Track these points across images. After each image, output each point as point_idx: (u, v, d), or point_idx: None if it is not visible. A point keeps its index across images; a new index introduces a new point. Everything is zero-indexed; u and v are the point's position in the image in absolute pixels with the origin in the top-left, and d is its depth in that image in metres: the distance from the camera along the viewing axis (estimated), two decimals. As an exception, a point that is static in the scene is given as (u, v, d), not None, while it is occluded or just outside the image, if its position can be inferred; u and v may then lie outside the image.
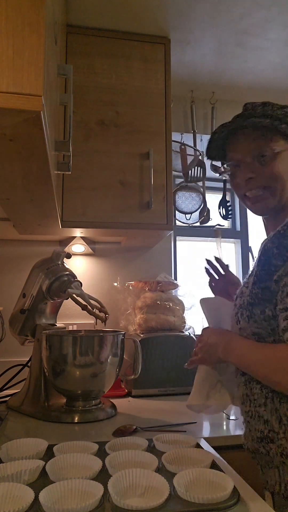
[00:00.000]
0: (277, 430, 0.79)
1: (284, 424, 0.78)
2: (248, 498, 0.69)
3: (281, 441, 0.78)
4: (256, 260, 0.84)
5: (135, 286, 1.73)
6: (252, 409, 0.85)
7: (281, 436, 0.78)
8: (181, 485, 0.67)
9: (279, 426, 0.79)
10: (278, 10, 1.52)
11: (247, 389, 0.87)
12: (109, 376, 1.21)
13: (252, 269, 0.87)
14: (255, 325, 0.82)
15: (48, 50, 0.71)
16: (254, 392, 0.84)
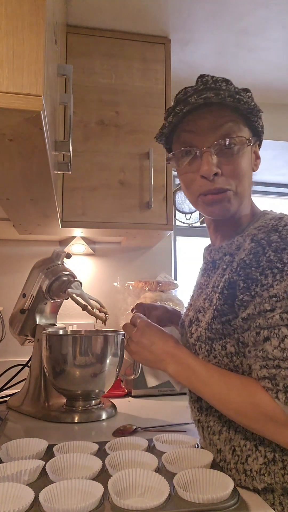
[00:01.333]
0: (228, 460, 0.76)
1: (237, 455, 0.74)
2: (248, 498, 0.69)
3: (230, 472, 0.75)
4: (218, 293, 0.75)
5: (135, 286, 1.73)
6: (206, 436, 0.82)
7: (232, 467, 0.75)
8: (181, 485, 0.67)
9: (232, 457, 0.75)
10: (278, 9, 1.52)
11: (202, 416, 0.83)
12: (109, 376, 1.21)
13: (207, 295, 0.80)
14: (215, 360, 0.76)
15: (48, 50, 0.71)
16: (210, 420, 0.81)
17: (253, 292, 0.68)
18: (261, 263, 0.68)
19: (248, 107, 0.77)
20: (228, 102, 0.74)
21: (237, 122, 0.78)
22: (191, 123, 0.79)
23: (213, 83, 0.76)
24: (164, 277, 1.83)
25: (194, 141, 0.78)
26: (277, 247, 0.68)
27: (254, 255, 0.69)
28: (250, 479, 0.72)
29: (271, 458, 0.70)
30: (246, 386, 0.70)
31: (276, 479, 0.69)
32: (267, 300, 0.67)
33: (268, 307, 0.67)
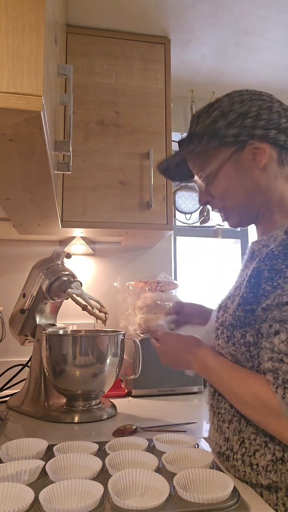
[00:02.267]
0: (235, 450, 0.76)
1: (245, 447, 0.75)
2: (248, 498, 0.69)
3: (235, 462, 0.75)
4: (246, 280, 0.76)
5: (135, 286, 1.73)
6: (215, 422, 0.83)
7: (238, 457, 0.75)
8: (181, 485, 0.67)
9: (239, 448, 0.76)
10: (278, 9, 1.51)
11: (214, 400, 0.84)
12: (109, 376, 1.21)
13: (239, 283, 0.81)
14: (233, 348, 0.77)
15: (48, 50, 0.71)
16: (221, 407, 0.81)
17: (276, 283, 0.69)
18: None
19: (206, 138, 0.81)
20: (188, 155, 0.88)
21: (204, 155, 0.85)
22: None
23: (180, 143, 0.87)
24: (164, 277, 1.82)
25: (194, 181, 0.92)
26: None
27: (284, 247, 0.71)
28: (255, 473, 0.72)
29: (280, 457, 0.70)
30: (250, 378, 0.73)
31: (282, 477, 0.69)
32: (286, 293, 0.67)
33: (285, 300, 0.67)
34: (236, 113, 0.80)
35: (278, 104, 0.82)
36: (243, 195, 0.83)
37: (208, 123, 0.82)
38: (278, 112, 0.80)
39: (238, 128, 0.79)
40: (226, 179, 0.84)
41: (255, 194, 0.83)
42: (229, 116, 0.80)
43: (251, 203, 0.84)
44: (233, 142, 0.80)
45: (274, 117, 0.79)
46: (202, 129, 0.82)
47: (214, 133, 0.80)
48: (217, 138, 0.80)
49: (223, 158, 0.82)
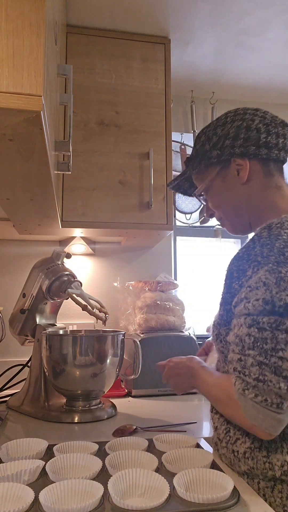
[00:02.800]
0: (221, 438, 0.82)
1: (229, 436, 0.80)
2: (248, 498, 0.69)
3: (223, 450, 0.81)
4: (223, 283, 0.84)
5: (135, 286, 1.73)
6: (211, 414, 0.90)
7: (223, 445, 0.81)
8: (181, 485, 0.67)
9: (224, 436, 0.82)
10: (278, 10, 1.52)
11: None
12: (109, 376, 1.21)
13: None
14: (221, 344, 0.84)
15: (48, 50, 0.71)
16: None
17: (240, 282, 0.77)
18: (250, 256, 0.77)
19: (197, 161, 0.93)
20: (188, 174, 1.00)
21: (199, 176, 0.97)
22: None
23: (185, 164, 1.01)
24: (164, 277, 1.83)
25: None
26: (263, 242, 0.77)
27: (246, 248, 0.80)
28: (236, 460, 0.78)
29: (257, 446, 0.75)
30: (220, 379, 0.83)
31: (257, 464, 0.74)
32: (245, 290, 0.75)
33: (243, 296, 0.75)
34: (217, 136, 0.90)
35: (259, 120, 0.88)
36: (233, 207, 0.93)
37: (198, 148, 0.94)
38: (257, 129, 0.87)
39: (219, 150, 0.89)
40: (216, 194, 0.94)
41: (244, 205, 0.91)
42: (213, 139, 0.91)
43: (241, 213, 0.92)
44: (218, 161, 0.91)
45: (252, 134, 0.87)
46: (195, 153, 0.95)
47: (203, 156, 0.92)
48: (205, 160, 0.92)
49: (212, 176, 0.93)
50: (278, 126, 0.88)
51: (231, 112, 0.92)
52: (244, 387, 0.71)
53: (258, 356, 0.69)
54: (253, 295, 0.72)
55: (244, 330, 0.72)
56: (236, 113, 0.91)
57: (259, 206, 0.89)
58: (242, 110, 0.91)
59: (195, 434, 1.01)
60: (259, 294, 0.71)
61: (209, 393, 0.84)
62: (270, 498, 0.73)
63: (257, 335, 0.70)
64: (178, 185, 1.04)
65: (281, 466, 0.72)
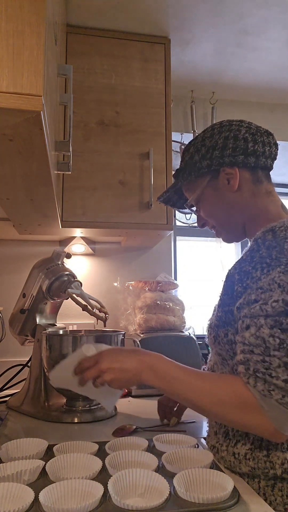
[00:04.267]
0: (221, 442, 0.82)
1: (229, 439, 0.81)
2: (248, 498, 0.69)
3: (223, 453, 0.81)
4: (222, 284, 0.84)
5: (135, 286, 1.73)
6: (209, 420, 0.90)
7: (224, 449, 0.81)
8: (181, 485, 0.67)
9: (224, 440, 0.82)
10: (278, 10, 1.52)
11: None
12: (109, 376, 1.21)
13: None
14: (219, 347, 0.84)
15: (48, 50, 0.71)
16: None
17: (245, 284, 0.77)
18: (254, 258, 0.77)
19: (187, 172, 0.95)
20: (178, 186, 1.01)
21: (189, 187, 0.98)
22: None
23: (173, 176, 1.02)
24: (164, 277, 1.83)
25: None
26: (269, 245, 0.77)
27: (250, 251, 0.80)
28: (237, 462, 0.78)
29: (258, 445, 0.76)
30: (221, 377, 0.80)
31: (258, 464, 0.75)
32: (254, 291, 0.74)
33: (253, 297, 0.74)
34: (206, 147, 0.92)
35: (245, 130, 0.90)
36: (225, 215, 0.94)
37: (187, 159, 0.96)
38: (244, 139, 0.89)
39: (208, 160, 0.91)
40: (208, 203, 0.96)
41: (235, 212, 0.93)
42: (201, 150, 0.93)
43: (233, 221, 0.94)
44: (207, 171, 0.92)
45: (240, 144, 0.89)
46: (184, 165, 0.97)
47: (192, 167, 0.94)
48: (195, 171, 0.93)
49: (202, 186, 0.94)
50: (263, 135, 0.91)
51: (217, 124, 0.95)
52: (269, 387, 0.69)
53: (285, 357, 0.69)
54: (268, 297, 0.72)
55: (266, 331, 0.70)
56: (221, 125, 0.94)
57: (252, 212, 0.91)
58: (227, 122, 0.94)
59: (195, 434, 1.01)
60: (275, 295, 0.71)
61: (199, 395, 0.77)
62: (271, 497, 0.74)
63: (282, 336, 0.69)
64: (168, 198, 1.05)
65: (281, 464, 0.73)
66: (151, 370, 0.81)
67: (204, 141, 0.93)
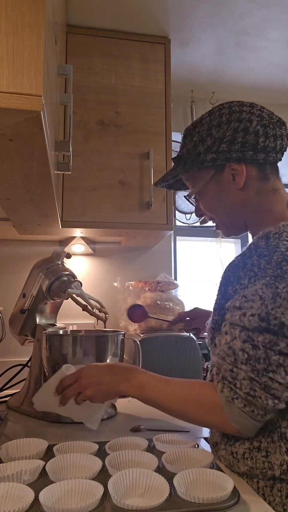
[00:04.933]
0: (220, 441, 0.83)
1: (228, 437, 0.81)
2: (248, 498, 0.69)
3: (222, 452, 0.81)
4: (218, 288, 0.83)
5: (135, 286, 1.73)
6: None
7: (223, 447, 0.81)
8: (181, 485, 0.67)
9: (223, 438, 0.82)
10: (278, 10, 1.52)
11: None
12: (109, 376, 1.21)
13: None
14: (215, 348, 0.83)
15: (48, 50, 0.71)
16: None
17: (234, 288, 0.77)
18: (246, 264, 0.76)
19: (189, 163, 0.89)
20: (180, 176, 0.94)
21: (190, 178, 0.94)
22: None
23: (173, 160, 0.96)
24: (164, 277, 1.82)
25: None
26: (260, 252, 0.76)
27: (242, 256, 0.79)
28: (236, 461, 0.78)
29: (257, 446, 0.76)
30: (190, 382, 0.83)
31: (256, 464, 0.74)
32: (240, 298, 0.75)
33: (238, 304, 0.75)
34: (213, 138, 0.86)
35: (257, 121, 0.84)
36: (226, 212, 0.92)
37: (190, 147, 0.90)
38: (255, 132, 0.83)
39: (214, 154, 0.85)
40: (209, 198, 0.92)
41: (238, 210, 0.90)
42: (207, 141, 0.86)
43: (235, 218, 0.92)
44: (212, 166, 0.87)
45: (250, 138, 0.84)
46: (186, 153, 0.91)
47: (195, 158, 0.88)
48: (197, 163, 0.87)
49: (205, 180, 0.90)
50: (276, 127, 0.85)
51: (226, 109, 0.87)
52: (233, 395, 0.72)
53: (250, 372, 0.71)
54: (249, 307, 0.72)
55: (238, 344, 0.72)
56: (231, 110, 0.86)
57: (255, 210, 0.88)
58: (238, 107, 0.86)
59: (195, 434, 1.01)
60: (254, 308, 0.71)
61: (168, 398, 0.82)
62: (270, 497, 0.73)
63: (251, 353, 0.71)
64: (165, 181, 0.99)
65: (280, 465, 0.73)
66: (126, 380, 0.86)
67: (210, 130, 0.86)
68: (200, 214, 0.99)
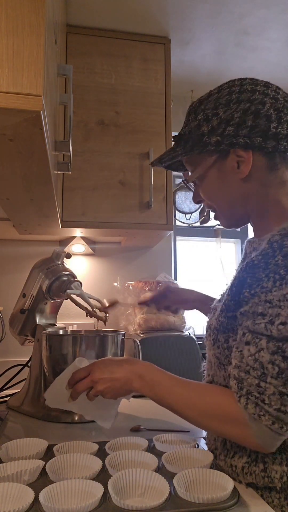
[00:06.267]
0: (220, 450, 0.80)
1: (227, 449, 0.78)
2: (248, 498, 0.69)
3: (220, 461, 0.79)
4: (228, 288, 0.76)
5: (135, 286, 1.73)
6: None
7: (222, 458, 0.79)
8: (181, 485, 0.67)
9: (222, 449, 0.79)
10: (278, 9, 1.52)
11: None
12: (109, 376, 1.21)
13: (225, 291, 0.80)
14: (218, 350, 0.79)
15: (48, 50, 0.71)
16: None
17: (253, 291, 0.69)
18: (269, 265, 0.69)
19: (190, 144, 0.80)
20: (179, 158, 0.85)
21: (190, 160, 0.85)
22: None
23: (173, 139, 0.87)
24: (164, 277, 1.82)
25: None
26: (286, 252, 0.68)
27: (264, 256, 0.70)
28: (235, 475, 0.75)
29: (254, 458, 0.73)
30: (208, 389, 0.77)
31: (256, 479, 0.72)
32: (262, 303, 0.68)
33: (260, 310, 0.68)
34: (219, 119, 0.76)
35: (271, 104, 0.75)
36: (227, 203, 0.83)
37: (193, 126, 0.80)
38: (267, 117, 0.74)
39: (219, 136, 0.76)
40: (209, 186, 0.83)
41: (241, 201, 0.81)
42: (212, 121, 0.77)
43: (236, 210, 0.83)
44: (215, 150, 0.78)
45: (261, 122, 0.74)
46: (188, 132, 0.81)
47: (197, 140, 0.78)
48: (199, 145, 0.78)
49: (206, 165, 0.81)
50: None
51: (237, 86, 0.78)
52: (259, 412, 0.66)
53: (282, 387, 0.65)
54: (275, 315, 0.65)
55: (266, 357, 0.66)
56: (242, 88, 0.77)
57: (259, 203, 0.80)
58: (250, 86, 0.77)
59: (195, 434, 1.01)
60: (283, 315, 0.65)
61: (184, 404, 0.76)
62: (268, 498, 0.72)
63: (282, 365, 0.65)
64: (162, 162, 0.89)
65: (280, 478, 0.70)
66: (140, 378, 0.81)
67: (217, 109, 0.77)
68: (198, 201, 0.89)
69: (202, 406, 0.74)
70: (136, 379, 0.81)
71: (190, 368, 1.49)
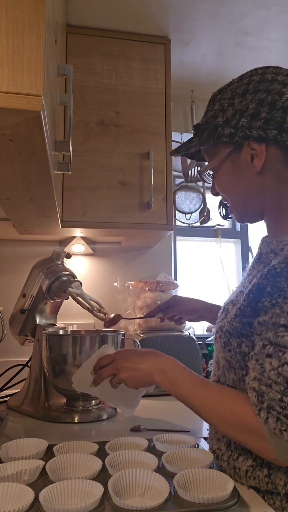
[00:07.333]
0: (223, 452, 0.79)
1: (231, 450, 0.77)
2: (248, 498, 0.69)
3: (223, 463, 0.78)
4: (245, 293, 0.73)
5: (135, 286, 1.73)
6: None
7: (225, 459, 0.78)
8: (181, 485, 0.67)
9: (226, 450, 0.78)
10: (278, 9, 1.52)
11: None
12: (109, 376, 1.21)
13: (242, 288, 0.79)
14: (229, 354, 0.77)
15: (48, 50, 0.71)
16: None
17: (275, 300, 0.66)
18: None
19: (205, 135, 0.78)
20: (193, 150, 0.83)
21: (207, 151, 0.84)
22: None
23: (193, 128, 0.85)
24: (164, 277, 1.83)
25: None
26: None
27: (287, 264, 0.66)
28: (238, 477, 0.75)
29: (259, 463, 0.72)
30: (228, 394, 0.73)
31: (260, 484, 0.71)
32: (285, 315, 0.65)
33: (282, 322, 0.65)
34: (234, 110, 0.74)
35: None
36: (241, 197, 0.81)
37: (210, 116, 0.79)
38: (283, 108, 0.71)
39: (233, 128, 0.74)
40: (223, 178, 0.82)
41: (255, 196, 0.79)
42: (227, 112, 0.75)
43: (250, 205, 0.81)
44: (229, 142, 0.76)
45: (277, 114, 0.71)
46: (205, 122, 0.80)
47: (212, 131, 0.76)
48: (214, 137, 0.76)
49: (220, 157, 0.79)
50: None
51: (258, 75, 0.76)
52: (281, 427, 0.63)
53: None
54: None
55: None
56: (263, 78, 0.75)
57: (274, 200, 0.78)
58: (271, 75, 0.74)
59: (195, 434, 1.01)
60: None
61: (203, 406, 0.75)
62: (269, 500, 0.72)
63: None
64: (178, 152, 0.89)
65: (284, 485, 0.69)
66: (162, 372, 0.80)
67: (233, 99, 0.75)
68: (215, 193, 0.87)
69: (220, 411, 0.72)
70: (158, 372, 0.80)
71: (190, 368, 1.48)
